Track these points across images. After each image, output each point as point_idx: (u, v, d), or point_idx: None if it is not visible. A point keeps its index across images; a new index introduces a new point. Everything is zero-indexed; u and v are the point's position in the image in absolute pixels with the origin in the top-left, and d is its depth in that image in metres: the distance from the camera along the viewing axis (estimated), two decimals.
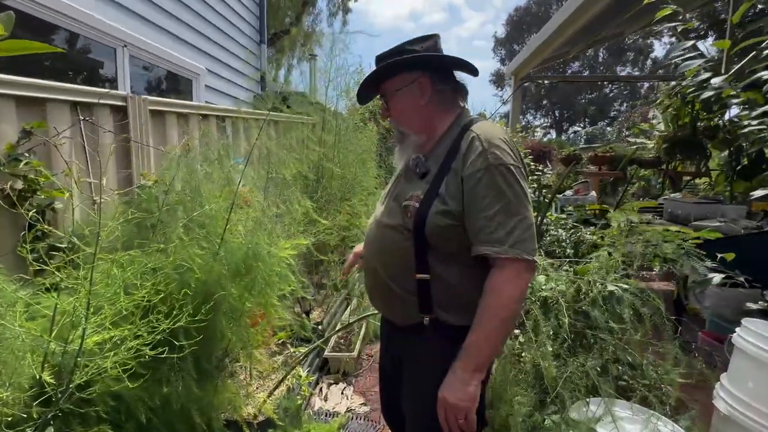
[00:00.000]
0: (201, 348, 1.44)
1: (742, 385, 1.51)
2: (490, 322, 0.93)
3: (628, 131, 10.49)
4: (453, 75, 1.10)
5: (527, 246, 0.92)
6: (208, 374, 1.63)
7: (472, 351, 0.94)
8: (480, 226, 0.93)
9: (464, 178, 0.95)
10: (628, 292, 1.65)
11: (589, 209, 4.62)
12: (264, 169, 2.72)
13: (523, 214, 0.93)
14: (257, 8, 6.03)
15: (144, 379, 1.04)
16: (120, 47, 3.50)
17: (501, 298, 0.92)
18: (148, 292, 1.00)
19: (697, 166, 5.23)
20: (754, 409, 1.44)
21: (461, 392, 0.93)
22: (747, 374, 1.50)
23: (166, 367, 1.37)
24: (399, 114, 1.10)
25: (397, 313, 1.11)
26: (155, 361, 1.13)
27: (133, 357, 0.99)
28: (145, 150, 1.98)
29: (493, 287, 0.93)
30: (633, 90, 22.91)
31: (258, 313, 1.97)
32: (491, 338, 0.93)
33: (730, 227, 2.94)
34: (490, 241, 0.92)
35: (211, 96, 4.92)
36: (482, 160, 0.93)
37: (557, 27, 4.60)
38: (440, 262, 1.00)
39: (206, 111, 2.61)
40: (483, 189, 0.93)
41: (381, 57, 1.08)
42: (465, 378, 0.93)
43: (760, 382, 1.45)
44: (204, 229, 1.72)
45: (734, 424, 1.50)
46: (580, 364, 1.55)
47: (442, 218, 0.97)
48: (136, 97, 1.95)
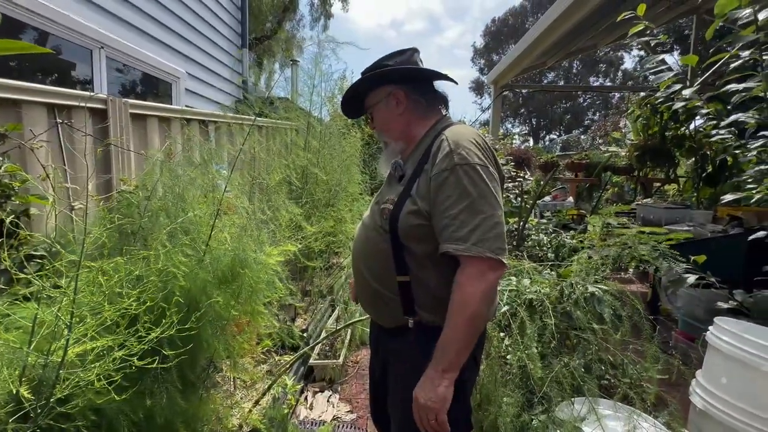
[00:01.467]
0: (186, 358, 1.40)
1: (716, 381, 1.58)
2: (454, 320, 0.92)
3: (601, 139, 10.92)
4: (431, 85, 1.15)
5: (491, 244, 0.91)
6: (192, 385, 1.58)
7: (440, 351, 0.94)
8: (444, 225, 0.94)
9: (431, 177, 0.98)
10: (608, 293, 1.72)
11: (568, 214, 4.78)
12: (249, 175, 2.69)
13: (488, 213, 0.93)
14: (238, 12, 5.98)
15: (127, 392, 1.01)
16: (96, 48, 3.39)
17: (464, 296, 0.92)
18: (134, 301, 0.97)
19: (666, 173, 5.50)
20: (728, 403, 1.51)
21: (431, 392, 0.93)
22: (720, 370, 1.58)
23: (150, 379, 1.33)
24: (380, 124, 1.17)
25: (384, 315, 1.12)
26: (138, 372, 1.09)
27: (117, 369, 0.95)
28: (125, 154, 1.92)
29: (457, 285, 0.93)
30: (605, 100, 23.87)
31: (243, 321, 1.93)
32: (457, 337, 0.93)
33: (698, 231, 3.09)
34: (453, 239, 0.92)
35: (192, 100, 4.82)
36: (448, 161, 0.95)
37: (535, 39, 4.76)
38: (417, 264, 1.02)
39: (190, 115, 2.56)
40: (448, 188, 0.94)
41: (363, 73, 1.15)
42: (434, 378, 0.93)
43: (733, 377, 1.52)
44: (188, 235, 1.68)
45: (710, 418, 1.57)
46: (565, 364, 1.59)
47: (413, 218, 0.99)
48: (117, 100, 1.90)
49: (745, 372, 1.47)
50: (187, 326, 1.07)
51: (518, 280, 1.81)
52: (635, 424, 1.40)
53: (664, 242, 2.02)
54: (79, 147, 1.69)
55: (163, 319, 1.06)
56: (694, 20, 5.54)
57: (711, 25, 1.56)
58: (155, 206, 1.74)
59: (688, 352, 2.12)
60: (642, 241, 2.03)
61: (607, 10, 4.15)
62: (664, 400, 1.58)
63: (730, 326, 1.57)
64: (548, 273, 2.02)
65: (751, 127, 1.70)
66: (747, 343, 1.47)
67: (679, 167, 5.64)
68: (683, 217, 3.64)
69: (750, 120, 1.65)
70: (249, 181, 2.60)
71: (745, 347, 1.47)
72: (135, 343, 0.93)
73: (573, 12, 3.84)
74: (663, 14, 5.15)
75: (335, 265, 3.49)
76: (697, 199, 4.70)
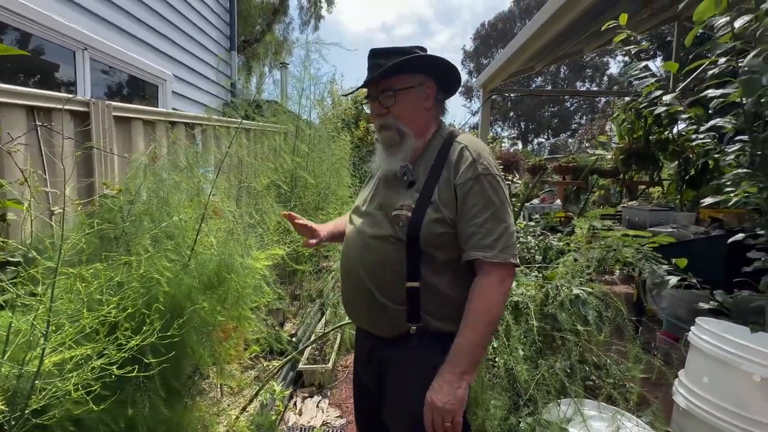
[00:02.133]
0: (169, 365, 1.38)
1: (698, 381, 1.61)
2: (477, 325, 0.95)
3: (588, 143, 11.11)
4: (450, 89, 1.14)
5: (512, 251, 0.97)
6: (176, 393, 1.55)
7: (461, 354, 0.95)
8: (471, 233, 0.97)
9: (456, 186, 0.99)
10: (592, 295, 1.74)
11: (555, 217, 4.84)
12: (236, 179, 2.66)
13: (508, 221, 0.99)
14: (227, 14, 5.94)
15: (108, 401, 0.98)
16: (80, 50, 3.33)
17: (489, 302, 0.96)
18: (114, 308, 0.94)
19: (651, 176, 5.62)
20: (710, 402, 1.54)
21: (451, 395, 0.94)
22: (702, 370, 1.61)
23: (132, 388, 1.30)
24: (402, 112, 1.06)
25: (383, 325, 1.08)
26: (120, 381, 1.06)
27: (97, 378, 0.93)
28: (108, 158, 1.89)
29: (482, 291, 0.96)
30: (591, 104, 24.30)
31: (230, 327, 1.90)
32: (478, 341, 0.96)
33: (682, 232, 3.16)
34: (480, 246, 0.96)
35: (179, 103, 4.76)
36: (473, 170, 0.98)
37: (522, 44, 4.83)
38: (431, 270, 1.01)
39: (175, 118, 2.53)
40: (473, 197, 0.98)
41: (383, 52, 1.05)
42: (453, 381, 0.95)
43: (714, 377, 1.56)
44: (173, 240, 1.66)
45: (692, 417, 1.60)
46: (550, 366, 1.61)
47: (437, 226, 0.99)
48: (100, 103, 1.86)
49: (726, 371, 1.50)
50: (169, 333, 1.05)
51: None
52: (619, 424, 1.42)
53: (648, 245, 2.06)
54: (60, 150, 1.66)
55: (145, 326, 1.04)
56: (676, 27, 5.68)
57: (690, 32, 1.61)
58: (139, 210, 1.71)
59: (670, 352, 2.16)
60: (626, 244, 2.06)
61: (592, 16, 4.23)
62: (647, 400, 1.60)
63: (710, 326, 1.60)
64: (535, 276, 2.04)
65: (728, 131, 1.75)
66: (727, 343, 1.50)
67: (663, 170, 5.77)
68: (667, 219, 3.72)
69: (727, 125, 1.69)
70: (236, 184, 2.58)
71: (725, 347, 1.50)
72: (114, 351, 0.91)
73: (559, 18, 3.91)
74: (646, 21, 5.27)
75: (325, 269, 3.47)
76: (680, 202, 4.81)
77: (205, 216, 1.78)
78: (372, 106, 1.10)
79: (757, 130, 1.60)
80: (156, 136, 2.24)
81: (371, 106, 1.10)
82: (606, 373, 1.67)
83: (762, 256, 1.75)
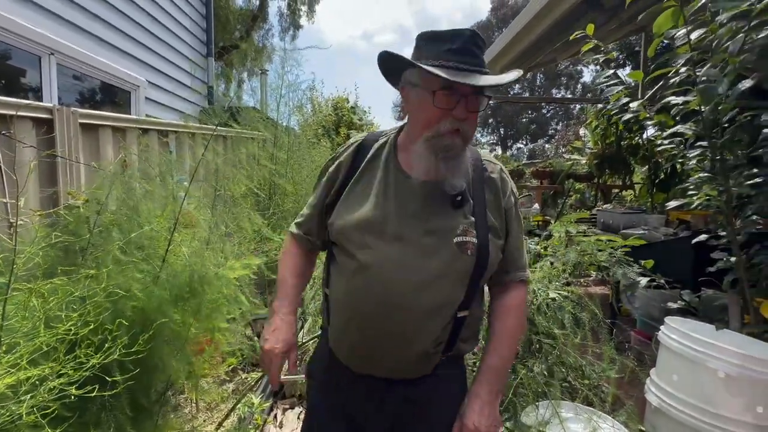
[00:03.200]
0: (138, 382, 1.32)
1: (668, 379, 1.66)
2: (513, 342, 0.97)
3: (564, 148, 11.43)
4: None
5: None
6: (146, 411, 1.49)
7: (498, 373, 0.94)
8: (516, 256, 0.98)
9: (506, 211, 0.95)
10: (569, 299, 1.77)
11: (534, 220, 4.93)
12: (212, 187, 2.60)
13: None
14: (203, 20, 5.86)
15: (68, 423, 0.93)
16: (46, 55, 3.21)
17: (520, 318, 0.99)
18: (74, 324, 0.90)
19: (623, 179, 5.82)
20: (680, 399, 1.59)
21: (492, 416, 0.91)
22: (672, 368, 1.66)
23: (96, 407, 1.24)
24: (474, 128, 0.91)
25: (418, 367, 0.91)
26: (82, 401, 1.01)
27: (56, 399, 0.88)
28: (74, 167, 1.81)
29: (514, 310, 0.98)
30: (567, 111, 25.07)
31: (204, 340, 1.85)
32: (511, 358, 0.99)
33: (652, 234, 3.27)
34: (520, 267, 0.99)
35: (153, 109, 4.65)
36: (513, 195, 0.99)
37: (497, 52, 4.96)
38: (476, 298, 0.94)
39: (147, 125, 2.46)
40: (516, 222, 0.98)
41: (482, 43, 0.86)
42: (493, 401, 0.92)
43: (683, 374, 1.60)
44: (143, 251, 1.60)
45: (663, 415, 1.64)
46: (529, 369, 1.62)
47: (499, 253, 0.93)
48: (64, 109, 1.79)
49: (693, 369, 1.55)
50: (134, 349, 1.00)
51: None
52: (595, 425, 1.44)
53: (620, 248, 2.12)
54: (23, 160, 1.58)
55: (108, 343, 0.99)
56: (643, 37, 5.94)
57: (653, 43, 1.69)
58: (107, 221, 1.65)
59: (643, 351, 2.22)
60: (600, 248, 2.12)
61: (564, 26, 4.38)
62: (622, 400, 1.64)
63: (678, 325, 1.65)
64: None
65: (689, 137, 1.83)
66: (693, 341, 1.55)
67: (635, 174, 5.98)
68: (639, 222, 3.84)
69: (688, 131, 1.78)
70: (211, 193, 2.52)
71: (692, 345, 1.55)
72: (73, 370, 0.86)
73: (532, 28, 4.03)
74: (615, 31, 5.49)
75: None
76: (651, 204, 4.99)
77: (178, 225, 1.73)
78: (469, 101, 0.83)
79: (716, 136, 1.68)
80: (126, 144, 2.17)
81: (467, 99, 0.82)
82: (582, 374, 1.70)
83: (724, 256, 1.82)
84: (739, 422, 1.45)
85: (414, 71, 0.87)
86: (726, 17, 1.50)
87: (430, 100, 0.83)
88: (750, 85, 1.52)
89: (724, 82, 1.49)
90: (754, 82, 1.54)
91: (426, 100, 0.84)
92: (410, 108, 0.91)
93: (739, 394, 1.46)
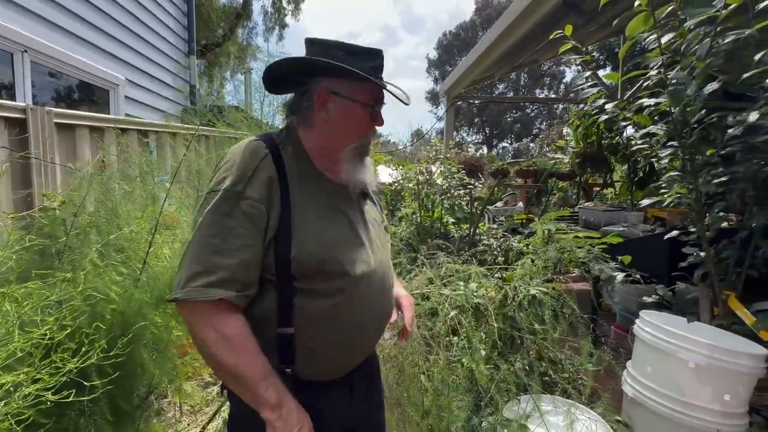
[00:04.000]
0: (118, 386, 1.30)
1: (643, 370, 1.72)
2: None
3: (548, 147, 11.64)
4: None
5: None
6: (127, 416, 1.47)
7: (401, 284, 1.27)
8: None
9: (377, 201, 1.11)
10: (548, 295, 1.82)
11: (518, 219, 5.02)
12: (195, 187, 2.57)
13: None
14: (184, 18, 5.75)
15: (44, 430, 0.91)
16: (18, 52, 3.11)
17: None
18: (50, 329, 0.89)
19: (604, 178, 5.97)
20: (654, 390, 1.65)
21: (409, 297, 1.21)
22: (646, 360, 1.72)
23: (75, 413, 1.22)
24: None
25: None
26: (60, 406, 0.99)
27: (32, 405, 0.86)
28: (49, 168, 1.77)
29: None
30: (550, 111, 25.51)
31: (188, 342, 1.83)
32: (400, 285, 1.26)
33: (632, 231, 3.37)
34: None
35: (133, 108, 4.55)
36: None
37: (481, 53, 5.02)
38: None
39: (125, 124, 2.41)
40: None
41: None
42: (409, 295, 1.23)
43: (657, 366, 1.67)
44: (123, 253, 1.58)
45: (639, 405, 1.70)
46: (511, 364, 1.66)
47: None
48: (38, 109, 1.75)
49: (666, 360, 1.62)
50: (112, 353, 0.99)
51: (465, 285, 1.87)
52: (573, 417, 1.48)
53: (598, 245, 2.18)
54: None
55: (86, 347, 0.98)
56: (622, 39, 6.10)
57: (624, 46, 1.75)
58: (84, 223, 1.62)
59: (619, 344, 2.29)
60: (578, 245, 2.18)
61: (545, 28, 4.47)
62: (599, 392, 1.69)
63: (652, 319, 1.72)
64: (494, 278, 2.10)
65: (661, 137, 1.90)
66: (665, 333, 1.62)
67: (615, 172, 6.14)
68: (619, 219, 3.95)
69: (660, 132, 1.84)
70: (194, 193, 2.49)
71: (664, 337, 1.61)
72: (48, 375, 0.85)
73: (514, 29, 4.10)
74: (595, 33, 5.62)
75: None
76: (630, 202, 5.13)
77: (159, 226, 1.71)
78: (379, 113, 0.93)
79: (685, 136, 1.75)
80: (104, 144, 2.12)
81: (379, 113, 0.93)
82: (561, 368, 1.74)
83: (694, 251, 1.90)
84: (708, 410, 1.51)
85: (342, 82, 0.87)
86: (693, 23, 1.57)
87: (362, 112, 0.89)
88: (717, 87, 1.59)
89: (693, 84, 1.56)
90: (720, 85, 1.60)
91: (358, 112, 0.89)
92: (335, 118, 0.89)
93: (708, 384, 1.53)
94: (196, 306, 0.74)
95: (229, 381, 0.81)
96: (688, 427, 1.53)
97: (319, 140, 0.91)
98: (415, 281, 2.10)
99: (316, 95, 0.88)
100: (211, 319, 0.75)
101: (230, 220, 0.77)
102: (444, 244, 2.97)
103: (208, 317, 0.75)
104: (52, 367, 0.89)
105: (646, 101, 1.84)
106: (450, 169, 3.61)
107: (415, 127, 24.19)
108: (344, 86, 0.88)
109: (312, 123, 0.90)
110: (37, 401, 0.87)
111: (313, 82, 0.88)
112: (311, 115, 0.89)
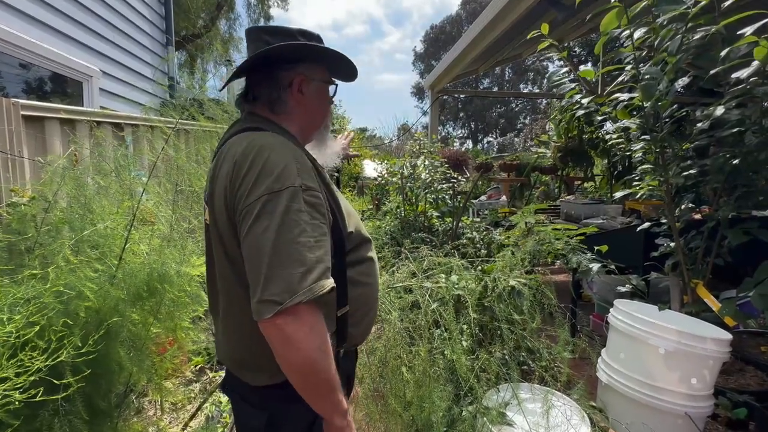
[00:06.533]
0: (94, 385, 1.28)
1: (616, 357, 1.78)
2: None
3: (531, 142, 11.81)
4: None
5: None
6: (104, 414, 1.44)
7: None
8: None
9: None
10: (527, 286, 1.86)
11: (501, 212, 5.09)
12: (172, 182, 2.52)
13: None
14: (161, 7, 5.58)
15: (13, 430, 0.89)
16: None
17: None
18: (16, 326, 0.86)
19: (585, 172, 6.10)
20: (626, 375, 1.71)
21: None
22: (619, 347, 1.78)
23: (48, 412, 1.19)
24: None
25: None
26: (31, 406, 0.97)
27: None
28: (17, 162, 1.71)
29: None
30: (534, 105, 25.83)
31: (166, 339, 1.80)
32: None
33: (610, 223, 3.46)
34: None
35: (109, 101, 4.40)
36: None
37: (465, 47, 5.03)
38: None
39: (100, 117, 2.34)
40: None
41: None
42: None
43: (629, 352, 1.73)
44: (97, 249, 1.54)
45: (613, 391, 1.76)
46: (490, 354, 1.70)
47: None
48: (4, 100, 1.68)
49: (637, 346, 1.68)
50: (84, 350, 0.97)
51: (447, 277, 1.90)
52: (550, 404, 1.53)
53: (575, 237, 2.24)
54: None
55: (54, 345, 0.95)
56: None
57: (599, 41, 1.78)
58: (56, 219, 1.57)
59: (594, 333, 2.36)
60: (557, 237, 2.23)
61: (527, 23, 4.50)
62: (575, 379, 1.74)
63: (625, 307, 1.77)
64: (475, 270, 2.14)
65: (634, 131, 1.95)
66: (637, 321, 1.67)
67: (596, 166, 6.28)
68: (598, 212, 4.05)
69: (632, 125, 1.89)
70: (172, 188, 2.44)
71: (636, 324, 1.67)
72: (15, 375, 0.83)
73: (497, 24, 4.12)
74: (576, 29, 5.70)
75: None
76: (610, 195, 5.26)
77: (136, 221, 1.67)
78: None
79: (657, 130, 1.80)
80: (77, 138, 2.06)
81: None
82: (539, 357, 1.79)
83: (665, 242, 1.97)
84: (676, 393, 1.58)
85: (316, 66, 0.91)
86: (665, 19, 1.61)
87: (327, 93, 0.95)
88: (687, 82, 1.64)
89: (664, 79, 1.60)
90: (691, 80, 1.65)
91: (324, 92, 0.94)
92: (309, 101, 0.91)
93: (676, 368, 1.60)
94: (308, 308, 0.68)
95: (311, 390, 0.72)
96: (658, 410, 1.60)
97: (299, 124, 0.92)
98: (397, 274, 2.11)
99: (296, 80, 0.88)
100: (314, 321, 0.69)
101: (304, 214, 0.73)
102: (428, 238, 2.99)
103: (312, 319, 0.69)
104: (19, 366, 0.87)
105: (621, 96, 1.88)
106: (434, 163, 3.63)
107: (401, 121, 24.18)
108: (317, 70, 0.92)
109: (286, 108, 0.89)
110: (5, 401, 0.85)
111: (286, 68, 0.87)
112: (285, 101, 0.89)
